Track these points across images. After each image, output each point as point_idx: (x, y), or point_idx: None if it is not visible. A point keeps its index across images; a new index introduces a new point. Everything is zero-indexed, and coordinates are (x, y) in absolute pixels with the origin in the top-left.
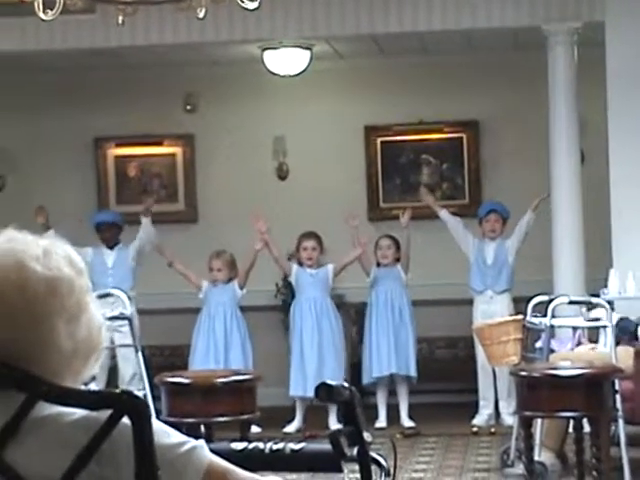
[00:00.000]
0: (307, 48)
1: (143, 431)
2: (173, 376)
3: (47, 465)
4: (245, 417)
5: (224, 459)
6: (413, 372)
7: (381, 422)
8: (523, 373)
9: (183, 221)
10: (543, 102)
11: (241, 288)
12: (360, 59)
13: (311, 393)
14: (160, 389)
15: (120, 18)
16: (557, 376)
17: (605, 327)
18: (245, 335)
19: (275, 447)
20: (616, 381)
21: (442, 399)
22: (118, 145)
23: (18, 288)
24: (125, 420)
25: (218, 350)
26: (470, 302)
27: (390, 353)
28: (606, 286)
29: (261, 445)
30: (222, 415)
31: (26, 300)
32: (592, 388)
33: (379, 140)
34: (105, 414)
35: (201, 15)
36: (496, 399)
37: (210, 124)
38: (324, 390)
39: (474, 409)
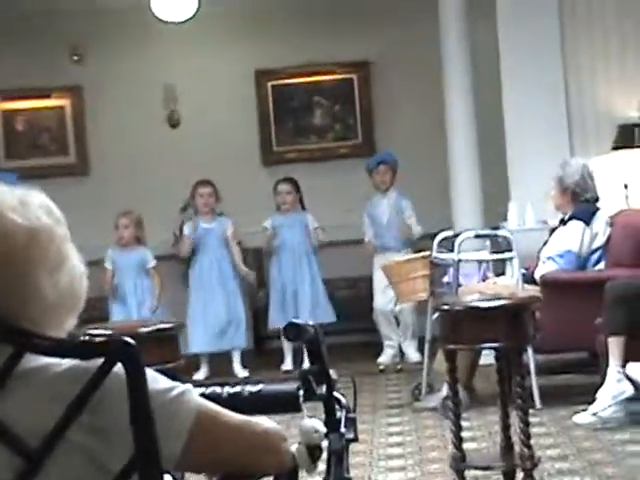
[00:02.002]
0: None
1: (137, 378)
2: (96, 328)
3: (37, 418)
4: (170, 365)
5: None
6: (332, 317)
7: (287, 365)
8: (446, 307)
9: (75, 174)
10: (434, 40)
11: None
12: (248, 2)
13: (212, 347)
14: None
15: None
16: (479, 308)
17: (511, 259)
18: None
19: (232, 390)
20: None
21: (346, 340)
22: (5, 99)
23: None
24: (116, 368)
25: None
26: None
27: (298, 302)
28: (505, 219)
29: (218, 389)
30: (149, 365)
31: (7, 252)
32: (514, 318)
33: (270, 84)
34: (94, 363)
35: None
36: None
37: (98, 75)
38: (291, 329)
39: (379, 348)
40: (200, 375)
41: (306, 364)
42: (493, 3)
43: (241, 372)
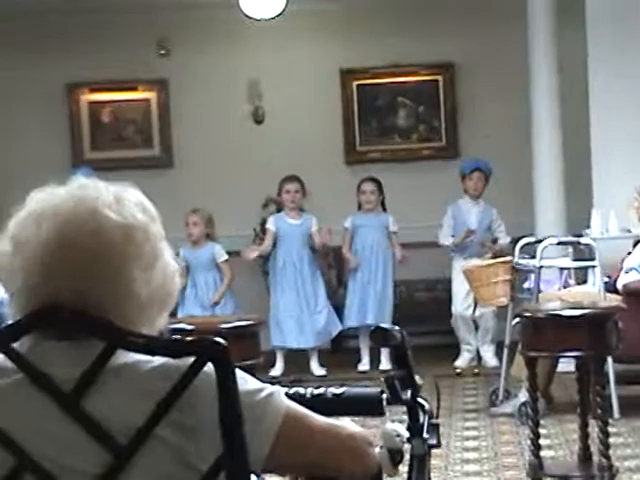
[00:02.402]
0: None
1: (227, 378)
2: (177, 322)
3: (127, 414)
4: (249, 362)
5: None
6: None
7: (364, 365)
8: (528, 314)
9: (159, 167)
10: (519, 43)
11: None
12: (336, 1)
13: (290, 344)
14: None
15: None
16: (562, 316)
17: (594, 267)
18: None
19: (316, 392)
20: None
21: (423, 341)
22: (92, 91)
23: (94, 236)
24: (206, 367)
25: (204, 301)
26: None
27: (371, 302)
28: (588, 226)
29: (302, 390)
30: None
31: (102, 248)
32: (597, 327)
33: (355, 83)
34: (185, 361)
35: None
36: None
37: (184, 68)
38: (378, 334)
39: (455, 351)
40: (276, 372)
41: (383, 365)
42: (583, 8)
43: (318, 370)
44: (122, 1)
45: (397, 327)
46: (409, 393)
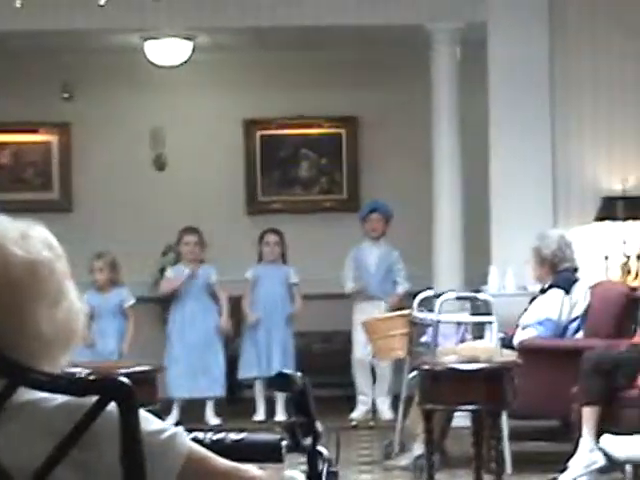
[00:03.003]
0: (188, 39)
1: (130, 417)
2: (74, 366)
3: (28, 452)
4: (147, 409)
5: None
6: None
7: (260, 415)
8: (426, 367)
9: (58, 210)
10: (423, 100)
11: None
12: (241, 52)
13: (186, 392)
14: None
15: (18, 1)
16: (459, 370)
17: (490, 323)
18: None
19: (216, 437)
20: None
21: (319, 393)
22: None
23: None
24: (109, 407)
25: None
26: (345, 296)
27: (270, 353)
28: (486, 283)
29: (200, 435)
30: None
31: (7, 284)
32: (493, 382)
33: (258, 133)
34: (88, 400)
35: (102, 1)
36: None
37: (88, 113)
38: (279, 379)
39: (352, 404)
40: (171, 420)
41: (279, 416)
42: (485, 68)
43: (213, 420)
44: (27, 43)
45: (299, 373)
46: (309, 440)
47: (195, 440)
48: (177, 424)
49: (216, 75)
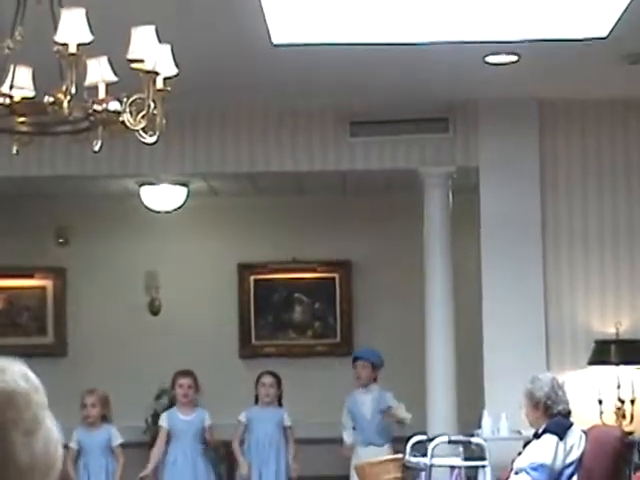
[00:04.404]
0: (184, 184)
1: None
2: None
3: None
4: None
5: None
6: None
7: None
8: None
9: (52, 355)
10: (417, 244)
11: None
12: (235, 197)
13: None
14: None
15: (15, 148)
16: None
17: (484, 467)
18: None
19: None
20: None
21: None
22: None
23: None
24: None
25: None
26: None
27: None
28: (479, 427)
29: None
30: None
31: None
32: None
33: (252, 278)
34: None
35: (96, 148)
36: None
37: (82, 257)
38: None
39: None
40: None
41: None
42: (477, 215)
43: None
44: (22, 188)
45: None
46: None
47: None
48: None
49: (210, 219)
